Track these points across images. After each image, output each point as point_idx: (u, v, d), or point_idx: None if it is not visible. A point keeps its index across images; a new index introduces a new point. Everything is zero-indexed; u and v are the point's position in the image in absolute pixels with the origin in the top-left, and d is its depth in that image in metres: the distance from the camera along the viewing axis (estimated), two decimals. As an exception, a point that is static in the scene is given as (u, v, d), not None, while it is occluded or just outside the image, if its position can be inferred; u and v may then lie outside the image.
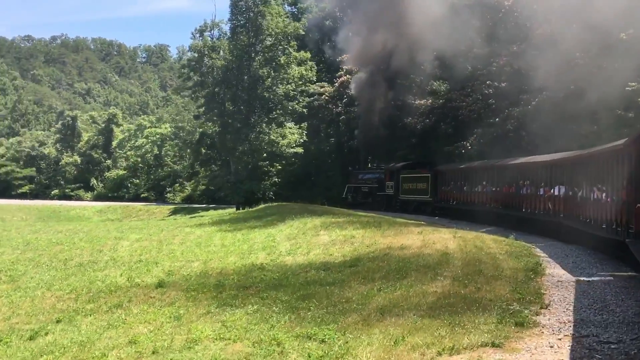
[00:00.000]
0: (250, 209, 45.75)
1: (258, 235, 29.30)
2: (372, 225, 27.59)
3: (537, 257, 19.49)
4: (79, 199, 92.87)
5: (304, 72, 56.25)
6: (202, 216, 51.82)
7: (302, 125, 56.86)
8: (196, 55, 58.07)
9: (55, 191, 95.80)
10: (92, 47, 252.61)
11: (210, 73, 56.59)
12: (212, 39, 59.09)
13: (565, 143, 31.64)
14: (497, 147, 40.92)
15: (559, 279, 15.53)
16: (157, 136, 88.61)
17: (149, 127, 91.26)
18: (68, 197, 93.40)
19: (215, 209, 65.29)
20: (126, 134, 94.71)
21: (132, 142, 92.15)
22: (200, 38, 58.48)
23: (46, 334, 13.99)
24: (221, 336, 11.64)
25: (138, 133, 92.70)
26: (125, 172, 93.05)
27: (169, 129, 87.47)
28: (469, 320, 10.95)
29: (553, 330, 10.44)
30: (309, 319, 12.29)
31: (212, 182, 65.88)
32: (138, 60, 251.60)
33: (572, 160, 25.01)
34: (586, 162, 22.93)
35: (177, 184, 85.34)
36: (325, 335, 10.83)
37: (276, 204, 47.61)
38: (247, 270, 19.26)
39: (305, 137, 56.62)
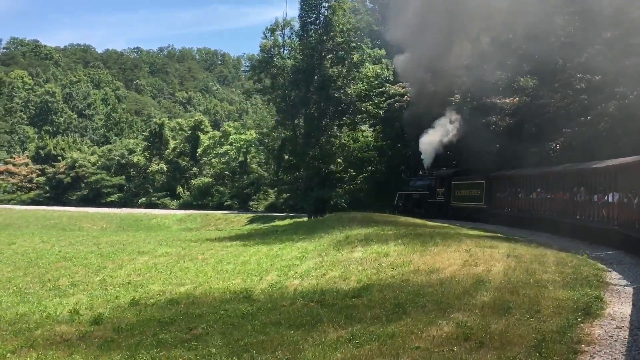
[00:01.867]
0: (308, 219, 42.01)
1: (292, 250, 25.70)
2: (420, 239, 23.39)
3: (605, 285, 14.90)
4: (165, 207, 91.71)
5: (379, 71, 51.99)
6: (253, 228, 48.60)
7: (377, 127, 52.55)
8: (265, 55, 54.84)
9: (143, 199, 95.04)
10: (197, 57, 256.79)
11: (280, 74, 53.24)
12: (284, 38, 55.73)
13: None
14: (590, 148, 35.80)
15: (618, 325, 11.01)
16: (242, 143, 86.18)
17: (233, 134, 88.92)
18: (154, 206, 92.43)
19: (292, 217, 62.08)
20: (211, 140, 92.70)
21: (217, 149, 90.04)
22: (272, 37, 55.19)
23: None
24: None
25: (223, 140, 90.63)
26: (211, 179, 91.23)
27: (254, 135, 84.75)
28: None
29: None
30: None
31: (283, 190, 62.55)
32: (242, 69, 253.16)
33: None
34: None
35: (261, 192, 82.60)
36: None
37: (340, 213, 43.75)
38: (226, 299, 15.52)
39: (379, 141, 52.26)
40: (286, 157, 60.46)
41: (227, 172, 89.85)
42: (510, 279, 15.23)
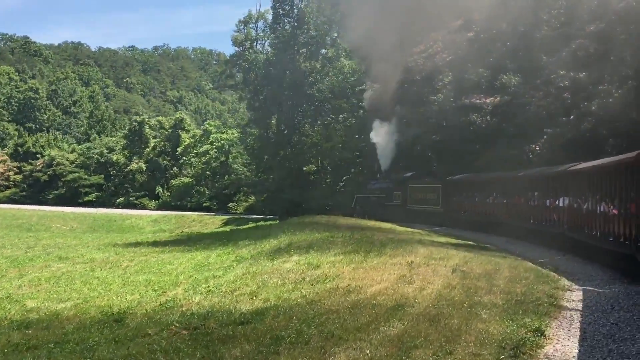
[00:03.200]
0: (271, 223, 39.18)
1: (227, 257, 23.00)
2: (367, 248, 20.71)
3: (557, 310, 12.30)
4: (143, 207, 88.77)
5: (355, 66, 49.05)
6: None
7: (348, 123, 49.54)
8: (238, 49, 51.93)
9: (121, 199, 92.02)
10: (192, 56, 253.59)
11: (252, 69, 50.35)
12: (257, 31, 52.81)
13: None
14: (573, 149, 33.10)
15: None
16: (222, 142, 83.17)
17: (214, 133, 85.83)
18: (133, 206, 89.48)
19: (268, 220, 59.19)
20: (192, 139, 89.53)
21: (198, 148, 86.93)
22: (244, 30, 52.28)
23: None
24: None
25: (203, 139, 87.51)
26: (191, 180, 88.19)
27: (236, 135, 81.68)
28: None
29: None
30: None
31: (256, 191, 59.59)
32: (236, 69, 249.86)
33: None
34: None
35: (241, 194, 79.64)
36: None
37: (306, 216, 40.87)
38: (93, 322, 12.74)
39: (355, 141, 49.31)
40: (265, 157, 57.69)
41: (208, 173, 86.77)
42: (440, 302, 12.53)
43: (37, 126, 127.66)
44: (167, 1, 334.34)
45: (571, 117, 35.58)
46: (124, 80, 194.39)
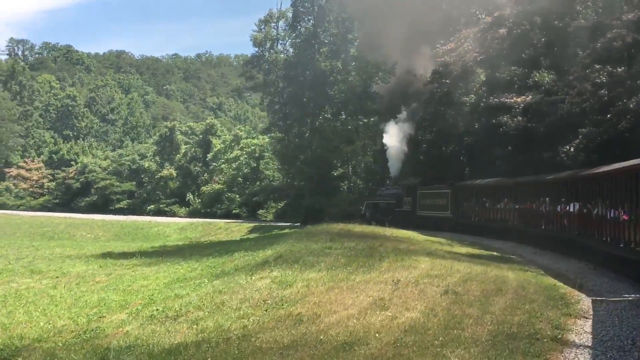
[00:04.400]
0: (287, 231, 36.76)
1: (210, 271, 20.64)
2: (360, 261, 18.24)
3: (558, 349, 9.59)
4: (174, 214, 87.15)
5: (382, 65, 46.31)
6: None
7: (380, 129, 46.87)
8: (258, 50, 49.57)
9: (151, 206, 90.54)
10: (235, 63, 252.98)
11: (272, 70, 48.00)
12: (277, 31, 50.44)
13: None
14: (609, 151, 29.98)
15: None
16: (252, 147, 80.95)
17: (244, 138, 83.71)
18: (163, 213, 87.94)
19: (292, 227, 56.76)
20: (222, 145, 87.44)
21: (228, 154, 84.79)
22: (264, 29, 49.92)
23: None
24: None
25: (233, 144, 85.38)
26: (222, 186, 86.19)
27: (267, 140, 79.37)
28: None
29: None
30: None
31: (270, 197, 57.14)
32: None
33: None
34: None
35: (271, 200, 77.24)
36: None
37: (320, 225, 38.27)
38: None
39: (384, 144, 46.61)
40: (286, 162, 55.30)
41: (239, 179, 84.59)
42: (408, 337, 9.96)
43: (75, 134, 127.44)
44: (213, 11, 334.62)
45: (608, 115, 32.35)
46: (164, 87, 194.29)
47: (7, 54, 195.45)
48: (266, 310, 12.58)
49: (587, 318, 12.66)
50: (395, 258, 19.55)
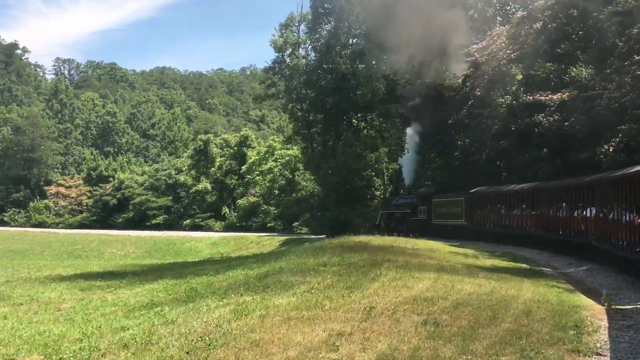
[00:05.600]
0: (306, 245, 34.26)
1: (190, 293, 18.19)
2: (346, 283, 15.84)
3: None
4: (210, 229, 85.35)
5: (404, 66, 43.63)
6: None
7: (403, 135, 44.21)
8: (278, 55, 47.24)
9: (187, 221, 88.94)
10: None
11: (294, 76, 45.68)
12: (299, 35, 48.04)
13: None
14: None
15: None
16: (287, 158, 78.50)
17: (279, 149, 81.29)
18: (199, 228, 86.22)
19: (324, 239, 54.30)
20: (257, 157, 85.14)
21: (263, 166, 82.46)
22: (284, 34, 47.59)
23: None
24: None
25: (267, 156, 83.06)
26: (258, 199, 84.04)
27: (298, 149, 76.83)
28: None
29: None
30: None
31: (292, 209, 54.65)
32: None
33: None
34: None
35: (307, 213, 74.66)
36: None
37: (339, 238, 35.70)
38: None
39: (406, 150, 43.92)
40: (307, 171, 53.28)
41: (276, 191, 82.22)
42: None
43: (116, 150, 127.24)
44: (259, 26, 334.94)
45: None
46: (207, 101, 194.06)
47: (54, 74, 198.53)
48: (187, 353, 10.09)
49: (601, 355, 9.90)
50: (394, 276, 17.02)
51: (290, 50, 46.81)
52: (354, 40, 44.62)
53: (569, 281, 21.19)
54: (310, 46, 46.56)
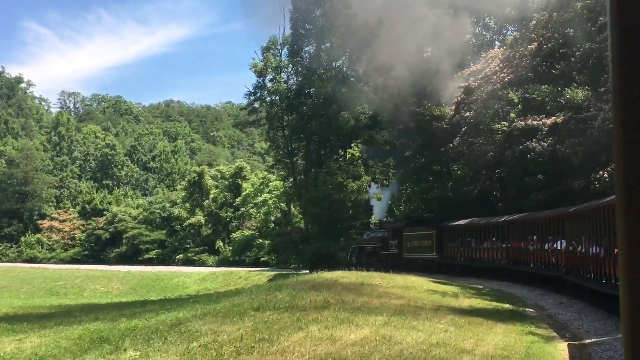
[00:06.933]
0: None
1: (91, 346, 15.35)
2: (271, 330, 13.12)
3: None
4: (202, 264, 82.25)
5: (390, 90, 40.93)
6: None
7: (389, 161, 41.39)
8: (259, 79, 44.63)
9: (180, 256, 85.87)
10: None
11: (274, 102, 43.08)
12: (281, 58, 45.47)
13: None
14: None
15: None
16: (282, 189, 75.65)
17: (273, 180, 78.44)
18: (192, 262, 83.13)
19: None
20: (251, 189, 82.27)
21: (257, 198, 79.56)
22: (264, 58, 45.04)
23: None
24: None
25: (262, 187, 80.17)
26: (253, 232, 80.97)
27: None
28: None
29: None
30: None
31: (275, 242, 51.81)
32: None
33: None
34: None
35: (301, 246, 71.63)
36: None
37: (316, 273, 32.88)
38: None
39: (392, 178, 41.10)
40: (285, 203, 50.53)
41: (271, 224, 79.24)
42: None
43: (115, 183, 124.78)
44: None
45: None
46: (212, 134, 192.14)
47: (59, 107, 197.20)
48: None
49: None
50: (330, 324, 14.18)
51: (272, 74, 44.12)
52: (337, 64, 41.89)
53: (552, 325, 18.50)
54: (292, 70, 43.86)
